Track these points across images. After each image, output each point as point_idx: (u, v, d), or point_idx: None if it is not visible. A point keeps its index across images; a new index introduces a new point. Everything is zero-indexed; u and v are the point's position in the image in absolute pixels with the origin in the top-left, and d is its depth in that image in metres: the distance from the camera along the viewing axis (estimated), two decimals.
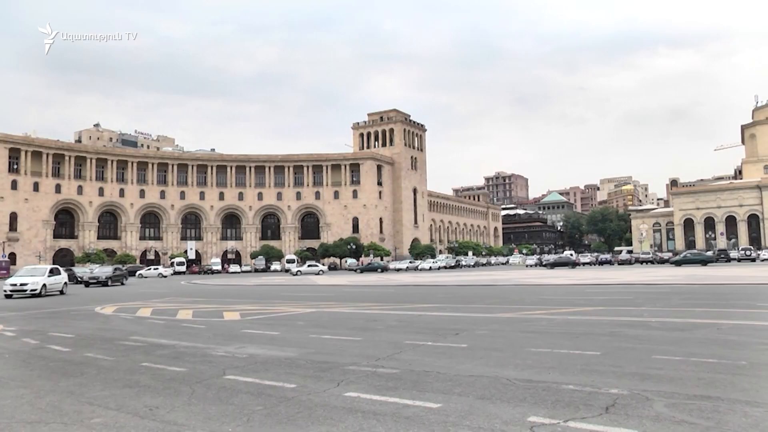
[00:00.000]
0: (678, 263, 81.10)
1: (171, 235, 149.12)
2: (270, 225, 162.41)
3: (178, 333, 18.24)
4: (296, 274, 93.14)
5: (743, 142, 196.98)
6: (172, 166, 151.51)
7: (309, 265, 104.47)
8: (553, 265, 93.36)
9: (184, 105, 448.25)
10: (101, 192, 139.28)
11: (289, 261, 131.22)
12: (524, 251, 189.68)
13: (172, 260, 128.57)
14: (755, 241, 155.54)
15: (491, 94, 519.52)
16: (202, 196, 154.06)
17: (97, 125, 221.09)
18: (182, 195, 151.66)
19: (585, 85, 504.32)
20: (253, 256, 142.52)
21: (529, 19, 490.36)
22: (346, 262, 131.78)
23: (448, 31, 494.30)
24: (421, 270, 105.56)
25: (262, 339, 16.21)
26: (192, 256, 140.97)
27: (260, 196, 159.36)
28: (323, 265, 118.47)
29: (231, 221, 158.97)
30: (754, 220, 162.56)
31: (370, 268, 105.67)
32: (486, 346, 13.71)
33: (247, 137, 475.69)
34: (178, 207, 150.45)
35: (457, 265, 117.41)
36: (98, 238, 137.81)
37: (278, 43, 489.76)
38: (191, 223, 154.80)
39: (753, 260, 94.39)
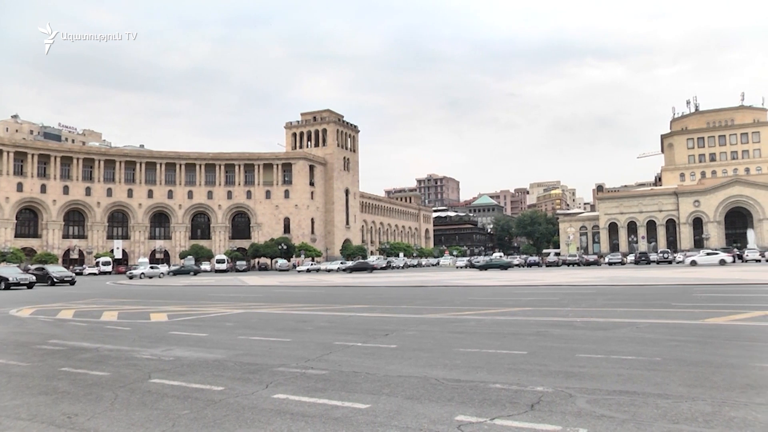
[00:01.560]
0: (483, 268, 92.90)
1: (97, 233, 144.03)
2: (200, 224, 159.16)
3: (101, 336, 17.62)
4: (140, 277, 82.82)
5: (663, 150, 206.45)
6: (99, 161, 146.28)
7: (151, 267, 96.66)
8: (486, 266, 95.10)
9: (112, 99, 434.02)
10: (20, 187, 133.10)
11: (219, 261, 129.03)
12: (455, 253, 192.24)
13: (98, 260, 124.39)
14: (672, 244, 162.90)
15: (424, 97, 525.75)
16: (130, 193, 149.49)
17: (15, 116, 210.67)
18: (109, 192, 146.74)
19: (516, 91, 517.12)
20: (183, 255, 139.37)
21: (463, 24, 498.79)
22: (276, 262, 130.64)
23: (383, 34, 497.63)
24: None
25: (189, 341, 15.86)
26: (119, 255, 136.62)
27: (190, 195, 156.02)
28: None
29: (160, 220, 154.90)
30: (671, 225, 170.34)
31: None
32: (415, 347, 13.83)
33: (177, 134, 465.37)
34: (104, 204, 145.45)
35: (388, 266, 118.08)
36: (16, 236, 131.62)
37: (212, 39, 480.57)
38: (118, 221, 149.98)
39: (670, 262, 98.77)
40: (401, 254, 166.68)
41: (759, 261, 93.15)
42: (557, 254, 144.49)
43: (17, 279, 51.97)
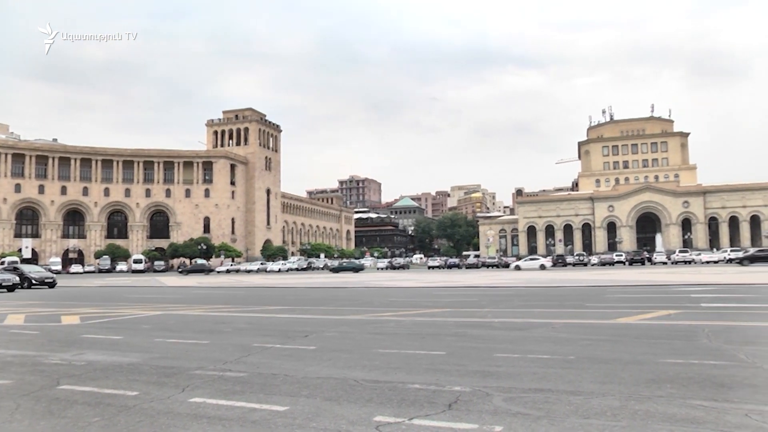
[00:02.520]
0: (335, 270, 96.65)
1: (3, 231, 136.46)
2: (117, 223, 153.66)
3: (4, 341, 16.68)
4: None
5: (580, 157, 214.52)
6: (6, 155, 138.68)
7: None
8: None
9: (21, 89, 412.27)
10: None
11: (136, 261, 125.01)
12: (375, 254, 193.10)
13: (3, 259, 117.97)
14: (587, 247, 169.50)
15: (348, 98, 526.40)
16: (41, 189, 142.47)
17: None
18: (17, 188, 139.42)
19: (439, 95, 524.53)
20: (98, 255, 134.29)
21: (387, 27, 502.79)
22: (195, 262, 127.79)
23: (307, 34, 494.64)
24: (270, 272, 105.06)
25: (103, 344, 15.26)
26: (28, 255, 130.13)
27: (107, 192, 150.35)
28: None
29: (74, 218, 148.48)
30: (587, 229, 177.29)
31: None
32: (335, 348, 13.81)
33: (94, 129, 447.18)
34: (12, 201, 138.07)
35: (309, 267, 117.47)
36: None
37: (131, 30, 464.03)
38: (28, 218, 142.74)
39: (585, 264, 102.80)
40: (322, 255, 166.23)
41: (665, 263, 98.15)
42: (477, 256, 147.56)
43: None
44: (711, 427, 6.85)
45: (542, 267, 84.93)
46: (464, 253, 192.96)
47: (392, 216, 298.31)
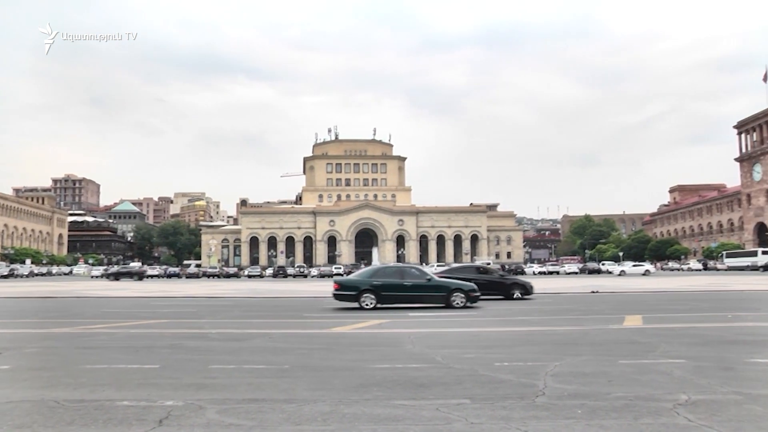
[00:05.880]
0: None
1: None
2: None
3: None
4: None
5: (305, 172, 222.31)
6: None
7: None
8: (117, 275, 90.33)
9: None
10: None
11: None
12: (90, 261, 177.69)
13: None
14: (308, 259, 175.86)
15: (65, 88, 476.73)
16: None
17: None
18: None
19: (165, 97, 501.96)
20: None
21: (115, 19, 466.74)
22: None
23: (26, 14, 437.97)
24: None
25: None
26: None
27: None
28: None
29: None
30: (308, 241, 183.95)
31: None
32: (35, 366, 12.37)
33: None
34: None
35: (12, 275, 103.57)
36: None
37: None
38: None
39: (305, 276, 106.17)
40: (28, 261, 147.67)
41: None
42: (198, 266, 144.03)
43: None
44: (409, 423, 7.57)
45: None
46: (185, 262, 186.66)
47: (111, 221, 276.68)
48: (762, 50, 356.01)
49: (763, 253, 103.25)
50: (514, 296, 33.76)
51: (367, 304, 26.35)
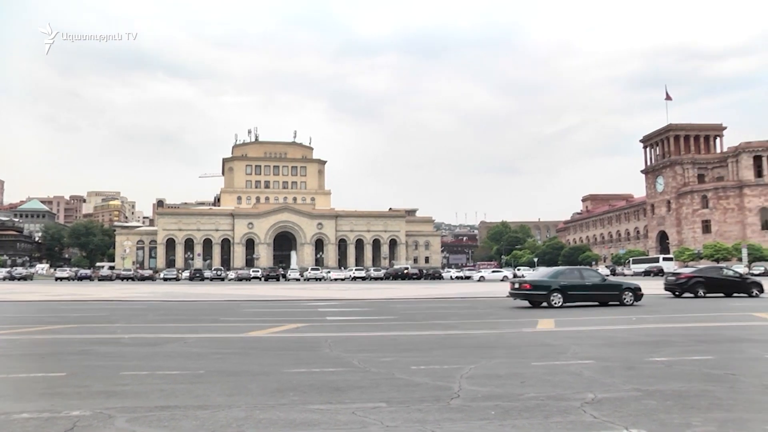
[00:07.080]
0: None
1: None
2: None
3: None
4: None
5: (224, 173, 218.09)
6: None
7: None
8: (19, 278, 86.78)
9: None
10: None
11: None
12: None
13: None
14: (226, 262, 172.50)
15: None
16: None
17: None
18: None
19: (81, 92, 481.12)
20: None
21: (30, 6, 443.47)
22: None
23: None
24: None
25: None
26: None
27: None
28: None
29: None
30: (226, 244, 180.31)
31: None
32: None
33: None
34: None
35: None
36: None
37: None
38: None
39: (222, 279, 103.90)
40: None
41: (299, 280, 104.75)
42: (111, 268, 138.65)
43: None
44: (324, 427, 7.58)
45: None
46: (98, 264, 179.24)
47: (17, 220, 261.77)
48: (665, 70, 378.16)
49: (664, 259, 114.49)
50: None
51: (555, 303, 28.53)
